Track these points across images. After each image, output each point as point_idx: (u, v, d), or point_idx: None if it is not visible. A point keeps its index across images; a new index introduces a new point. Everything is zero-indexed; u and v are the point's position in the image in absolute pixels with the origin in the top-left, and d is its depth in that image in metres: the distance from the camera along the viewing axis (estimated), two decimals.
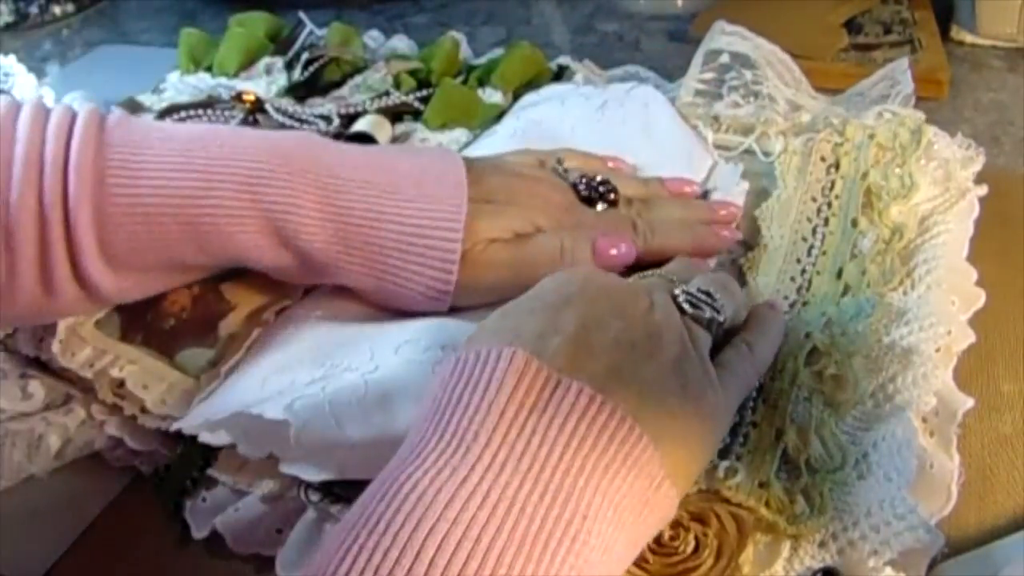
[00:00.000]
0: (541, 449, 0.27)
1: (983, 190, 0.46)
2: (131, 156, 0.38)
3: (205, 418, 0.37)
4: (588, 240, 0.42)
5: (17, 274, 0.36)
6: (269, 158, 0.39)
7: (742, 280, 0.43)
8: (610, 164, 0.48)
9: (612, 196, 0.44)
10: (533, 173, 0.45)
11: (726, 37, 0.57)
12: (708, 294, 0.35)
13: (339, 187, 0.39)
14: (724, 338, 0.35)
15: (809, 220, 0.46)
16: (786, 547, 0.31)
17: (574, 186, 0.44)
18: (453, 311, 0.41)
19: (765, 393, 0.37)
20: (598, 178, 0.45)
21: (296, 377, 0.38)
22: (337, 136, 0.56)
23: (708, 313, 0.34)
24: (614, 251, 0.42)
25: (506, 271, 0.41)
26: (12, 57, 0.69)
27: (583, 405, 0.27)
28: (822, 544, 0.31)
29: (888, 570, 0.29)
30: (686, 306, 0.34)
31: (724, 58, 0.56)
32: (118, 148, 0.38)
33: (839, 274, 0.42)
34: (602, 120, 0.52)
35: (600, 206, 0.44)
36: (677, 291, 0.35)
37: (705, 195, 0.49)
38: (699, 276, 0.37)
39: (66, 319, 0.40)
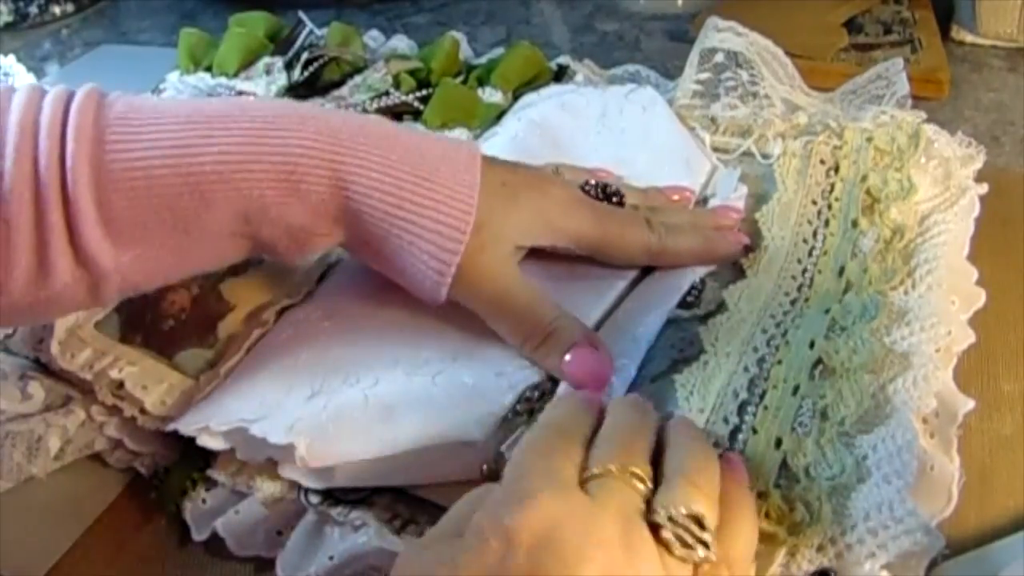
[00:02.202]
0: None
1: (983, 188, 0.46)
2: (132, 115, 0.36)
3: (205, 423, 0.37)
4: (575, 335, 0.38)
5: (12, 247, 0.34)
6: (273, 111, 0.38)
7: (742, 279, 0.43)
8: (600, 175, 0.47)
9: (617, 200, 0.44)
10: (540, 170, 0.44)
11: (720, 34, 0.57)
12: (699, 522, 0.27)
13: (348, 131, 0.38)
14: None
15: (810, 223, 0.46)
16: (783, 551, 0.31)
17: (581, 188, 0.44)
18: (450, 322, 0.40)
19: (764, 399, 0.36)
20: (602, 182, 0.44)
21: (295, 387, 0.38)
22: None
23: (700, 553, 0.27)
24: (583, 371, 0.37)
25: (506, 302, 0.39)
26: (12, 57, 0.69)
27: None
28: (820, 548, 0.31)
29: (884, 574, 0.29)
30: (675, 545, 0.27)
31: (719, 57, 0.56)
32: (119, 110, 0.36)
33: (840, 272, 0.42)
34: (602, 130, 0.52)
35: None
36: (659, 514, 0.27)
37: (704, 201, 0.49)
38: (679, 485, 0.28)
39: (65, 319, 0.40)
